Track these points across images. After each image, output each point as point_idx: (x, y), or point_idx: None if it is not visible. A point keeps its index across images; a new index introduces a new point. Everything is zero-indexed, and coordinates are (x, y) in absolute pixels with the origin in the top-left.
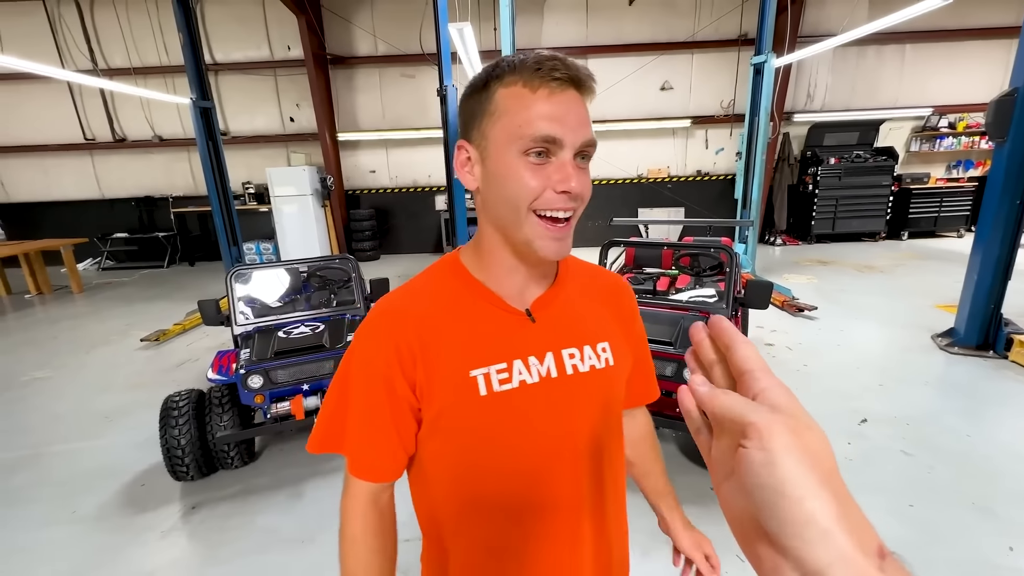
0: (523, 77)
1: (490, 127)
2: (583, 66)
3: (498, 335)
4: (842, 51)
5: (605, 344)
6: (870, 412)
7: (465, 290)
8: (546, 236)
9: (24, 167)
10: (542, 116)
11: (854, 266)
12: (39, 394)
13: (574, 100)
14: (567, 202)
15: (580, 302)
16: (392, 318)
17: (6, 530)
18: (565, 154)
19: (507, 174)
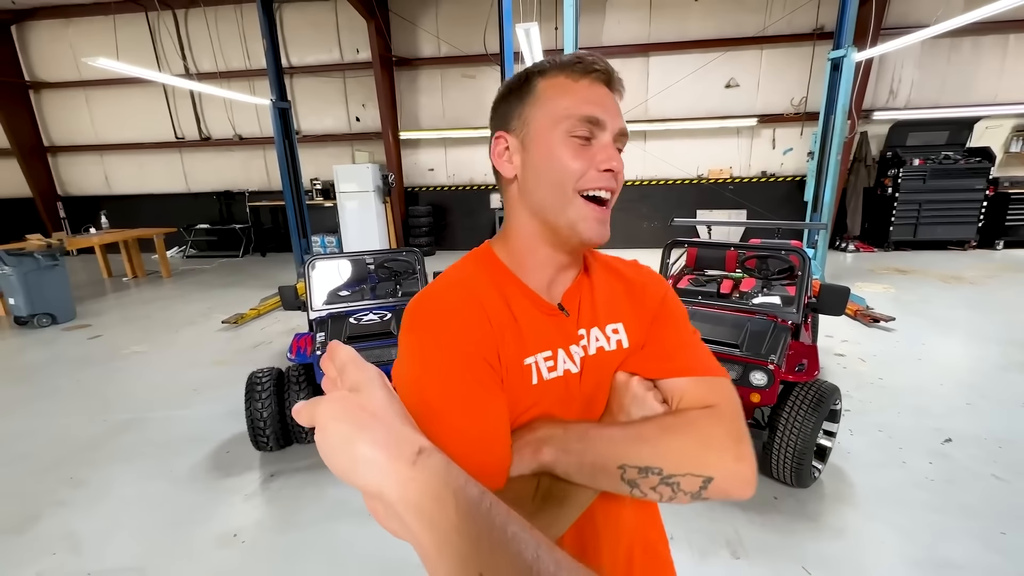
0: (564, 71)
1: (532, 114)
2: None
3: (540, 326)
4: (932, 44)
5: (618, 326)
6: (955, 432)
7: (503, 279)
8: (591, 217)
9: (125, 163)
10: (587, 100)
11: (938, 276)
12: (138, 365)
13: (609, 95)
14: (611, 181)
15: (604, 289)
16: (454, 292)
17: (119, 483)
18: (606, 136)
19: (552, 155)
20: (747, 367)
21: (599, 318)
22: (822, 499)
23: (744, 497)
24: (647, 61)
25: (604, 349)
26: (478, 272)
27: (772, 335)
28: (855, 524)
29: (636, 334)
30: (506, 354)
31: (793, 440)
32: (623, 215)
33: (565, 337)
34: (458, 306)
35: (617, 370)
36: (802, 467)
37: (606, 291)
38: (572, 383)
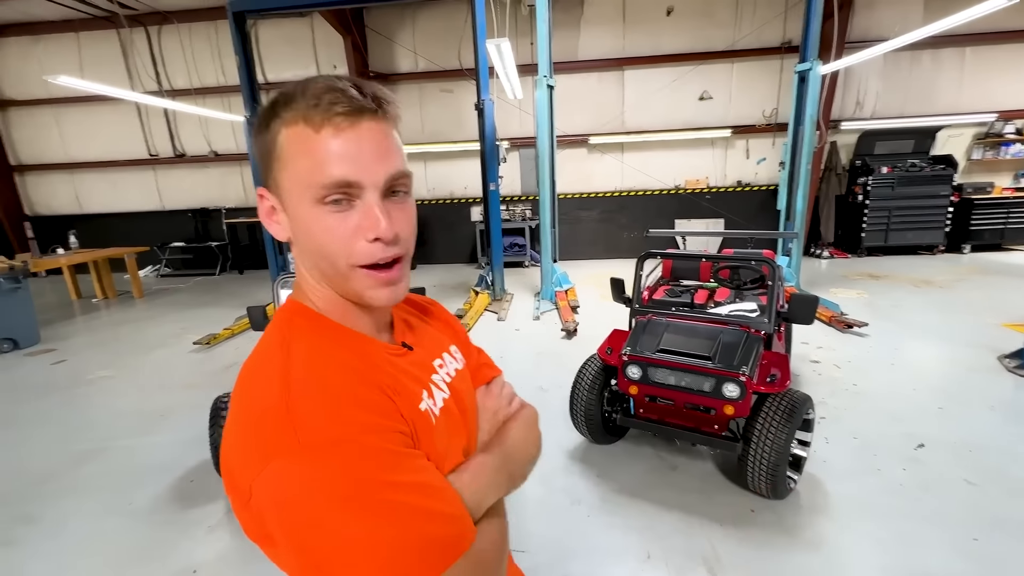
0: (302, 114)
1: (280, 174)
2: (374, 88)
3: (402, 369)
4: (894, 56)
5: (453, 348)
6: (928, 437)
7: (347, 338)
8: (375, 285)
9: (96, 181)
10: (330, 159)
11: (909, 280)
12: (104, 392)
13: (369, 132)
14: (385, 250)
15: (418, 322)
16: (335, 379)
17: (74, 517)
18: (369, 196)
19: (310, 229)
20: (720, 379)
21: (441, 344)
22: (798, 511)
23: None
24: (622, 75)
25: (459, 370)
26: (316, 340)
27: (744, 346)
28: (831, 535)
29: (465, 352)
30: (406, 409)
31: (767, 451)
32: (603, 226)
33: (426, 370)
34: (342, 397)
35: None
36: (777, 478)
37: (420, 323)
38: (453, 409)
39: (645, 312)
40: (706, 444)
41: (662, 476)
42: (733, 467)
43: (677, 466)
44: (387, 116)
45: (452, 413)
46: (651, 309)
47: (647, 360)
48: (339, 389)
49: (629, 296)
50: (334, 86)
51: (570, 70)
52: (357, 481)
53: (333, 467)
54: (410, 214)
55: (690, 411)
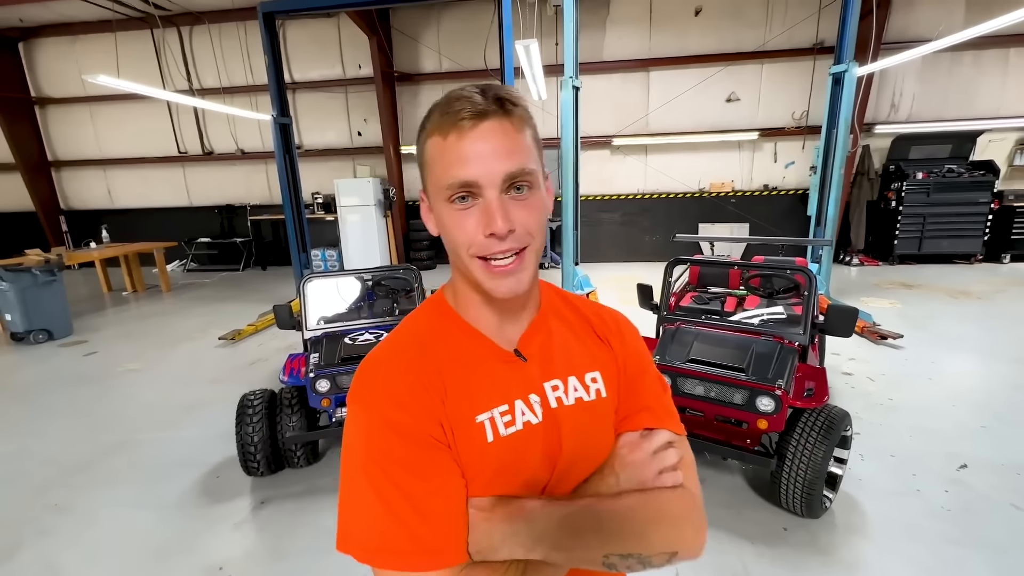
0: (435, 125)
1: (427, 179)
2: (496, 90)
3: (494, 377)
4: (933, 57)
5: (596, 374)
6: (971, 457)
7: (456, 331)
8: (492, 277)
9: (127, 177)
10: (453, 162)
11: (945, 291)
12: (132, 384)
13: (490, 132)
14: (499, 244)
15: (567, 333)
16: (391, 363)
17: (105, 510)
18: (489, 193)
19: (443, 224)
20: (753, 392)
21: (573, 366)
22: (833, 530)
23: (695, 558)
24: (648, 76)
25: (583, 400)
26: (428, 327)
27: (779, 358)
28: (869, 557)
29: (612, 382)
30: (453, 417)
31: (803, 469)
32: (625, 228)
33: (523, 386)
34: (397, 382)
35: (600, 420)
36: (812, 497)
37: (570, 335)
38: (534, 436)
39: (674, 320)
40: (738, 459)
41: None
42: (763, 482)
43: (705, 479)
44: (510, 116)
45: (529, 441)
46: (680, 317)
47: (676, 370)
48: (391, 373)
49: (657, 303)
50: (460, 95)
51: (595, 71)
52: (362, 437)
53: (355, 420)
54: (533, 208)
55: (721, 424)
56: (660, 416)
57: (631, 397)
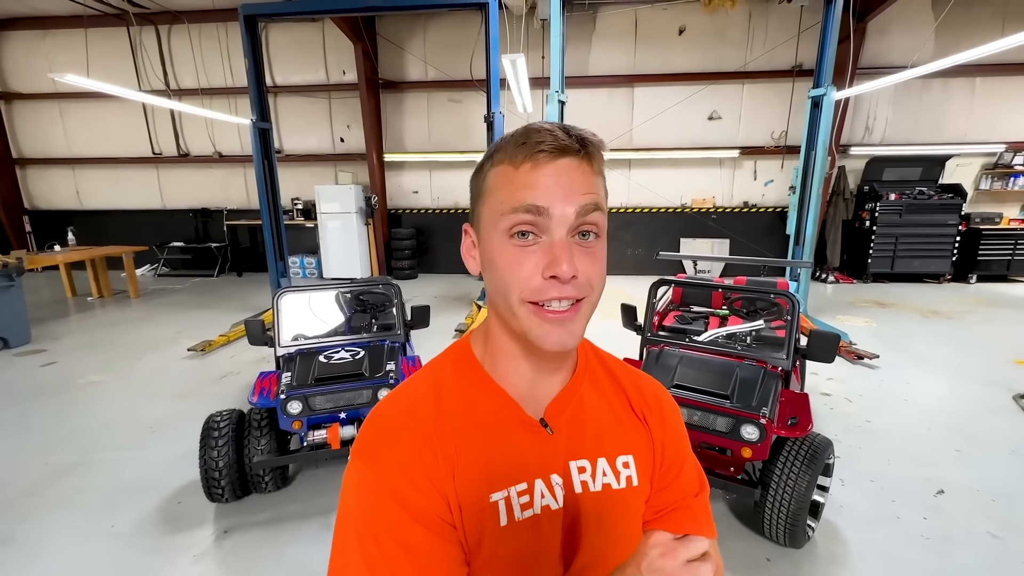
0: (508, 154)
1: (482, 208)
2: (580, 131)
3: (516, 449)
4: (904, 83)
5: (628, 459)
6: (947, 482)
7: (480, 391)
8: (542, 324)
9: (98, 178)
10: (523, 186)
11: (917, 310)
12: (93, 398)
13: (566, 167)
14: (560, 289)
15: (601, 404)
16: (401, 425)
17: (54, 539)
18: (555, 230)
19: (494, 259)
20: (738, 420)
21: (605, 445)
22: (816, 560)
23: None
24: (632, 92)
25: (612, 487)
26: (449, 382)
27: (763, 384)
28: None
29: (646, 469)
30: (464, 493)
31: (787, 499)
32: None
33: (546, 463)
34: (407, 448)
35: (629, 512)
36: (796, 527)
37: (604, 407)
38: (553, 523)
39: (657, 341)
40: (721, 488)
41: None
42: (746, 511)
43: None
44: (590, 157)
45: (546, 528)
46: (664, 338)
47: None
48: (401, 435)
49: (640, 324)
50: (541, 127)
51: (580, 85)
52: (358, 503)
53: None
54: (597, 259)
55: (704, 451)
56: (699, 519)
57: (667, 489)
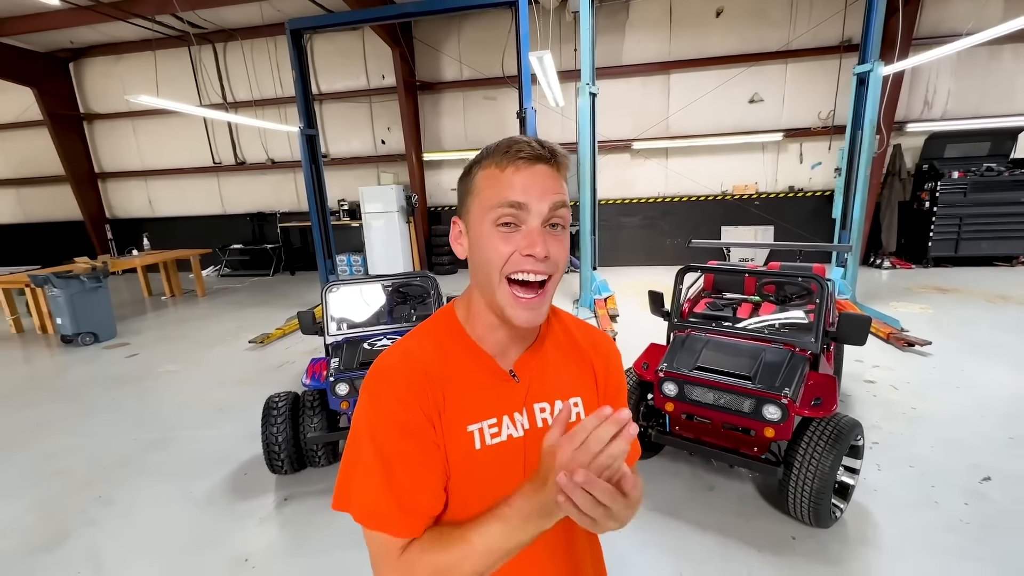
0: (495, 160)
1: (471, 203)
2: (551, 145)
3: (488, 392)
4: (969, 52)
5: (577, 399)
6: (996, 470)
7: (461, 346)
8: (517, 305)
9: (166, 187)
10: (508, 186)
11: (982, 295)
12: (169, 385)
13: (542, 173)
14: (535, 264)
15: (558, 358)
16: (399, 365)
17: (143, 503)
18: (532, 221)
19: (482, 243)
20: (760, 400)
21: (560, 390)
22: (845, 541)
23: None
24: (668, 79)
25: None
26: (437, 340)
27: (788, 366)
28: (879, 569)
29: (591, 408)
30: (448, 422)
31: (810, 478)
32: (644, 232)
33: (512, 403)
34: (402, 383)
35: None
36: (820, 506)
37: (560, 362)
38: (514, 448)
39: (684, 327)
40: (744, 467)
41: (698, 496)
42: (773, 490)
43: (714, 486)
44: (558, 165)
45: (511, 453)
46: (690, 324)
47: (684, 377)
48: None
49: (668, 310)
50: (520, 140)
51: (614, 75)
52: (366, 423)
53: (363, 408)
54: (563, 244)
55: (728, 431)
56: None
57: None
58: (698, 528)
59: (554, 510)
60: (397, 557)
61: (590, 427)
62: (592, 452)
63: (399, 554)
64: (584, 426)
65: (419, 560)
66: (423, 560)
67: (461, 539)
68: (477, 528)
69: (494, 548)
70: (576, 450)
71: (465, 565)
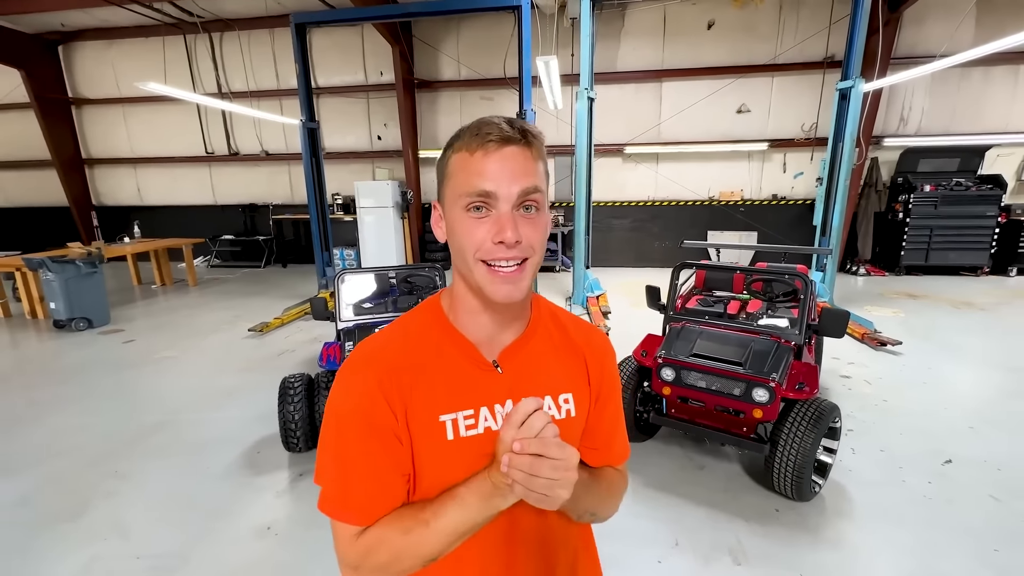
0: (465, 143)
1: (445, 189)
2: (521, 123)
3: (467, 382)
4: (942, 73)
5: (568, 395)
6: (956, 454)
7: (442, 335)
8: (493, 282)
9: (157, 176)
10: (476, 173)
11: (949, 301)
12: (169, 370)
13: (512, 155)
14: (507, 251)
15: (548, 352)
16: (372, 356)
17: (159, 477)
18: (502, 206)
19: (455, 229)
20: (750, 384)
21: (549, 385)
22: (822, 513)
23: None
24: (660, 86)
25: (555, 417)
26: (418, 328)
27: (775, 355)
28: (853, 537)
29: (583, 403)
30: (417, 413)
31: (793, 455)
32: (635, 234)
33: (493, 395)
34: (371, 379)
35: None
36: (802, 481)
37: (550, 355)
38: (492, 442)
39: (679, 319)
40: (735, 445)
41: (690, 474)
42: (759, 470)
43: (705, 466)
44: (530, 145)
45: (488, 446)
46: (686, 317)
47: (681, 363)
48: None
49: (664, 303)
50: (490, 121)
51: (609, 81)
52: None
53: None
54: (538, 226)
55: (720, 413)
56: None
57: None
58: (691, 502)
59: (507, 491)
60: (354, 541)
61: (528, 410)
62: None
63: (355, 539)
64: (521, 409)
65: (377, 544)
66: (381, 544)
67: (418, 522)
68: (435, 511)
69: (450, 529)
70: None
71: (423, 547)
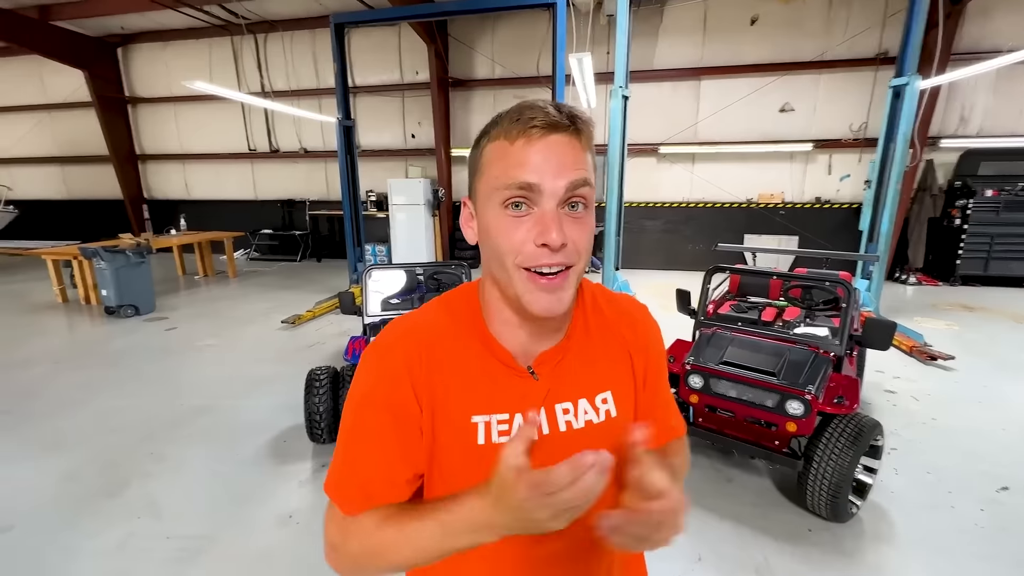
0: (503, 129)
1: (478, 182)
2: (570, 108)
3: (503, 384)
4: (1009, 69)
5: (607, 394)
6: (1014, 480)
7: (475, 333)
8: (534, 289)
9: (203, 171)
10: (517, 164)
11: (1011, 315)
12: (210, 358)
13: (558, 143)
14: (551, 256)
15: (585, 350)
16: (402, 338)
17: (194, 460)
18: (546, 203)
19: (490, 228)
20: (784, 396)
21: (587, 387)
22: (860, 536)
23: None
24: (699, 85)
25: (592, 422)
26: (453, 316)
27: (812, 366)
28: (893, 564)
29: (626, 400)
30: (447, 408)
31: (829, 473)
32: (667, 236)
33: (528, 401)
34: (399, 362)
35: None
36: (838, 501)
37: (588, 353)
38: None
39: (710, 325)
40: (766, 459)
41: (717, 486)
42: (790, 485)
43: (732, 478)
44: (579, 133)
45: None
46: (717, 322)
47: (710, 371)
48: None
49: (694, 308)
50: (534, 105)
51: (645, 79)
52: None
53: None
54: (586, 227)
55: (750, 425)
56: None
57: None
58: (716, 515)
59: (501, 529)
60: (341, 516)
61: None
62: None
63: (342, 516)
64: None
65: (356, 530)
66: (357, 531)
67: (399, 526)
68: (417, 523)
69: (426, 548)
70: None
71: (394, 555)
